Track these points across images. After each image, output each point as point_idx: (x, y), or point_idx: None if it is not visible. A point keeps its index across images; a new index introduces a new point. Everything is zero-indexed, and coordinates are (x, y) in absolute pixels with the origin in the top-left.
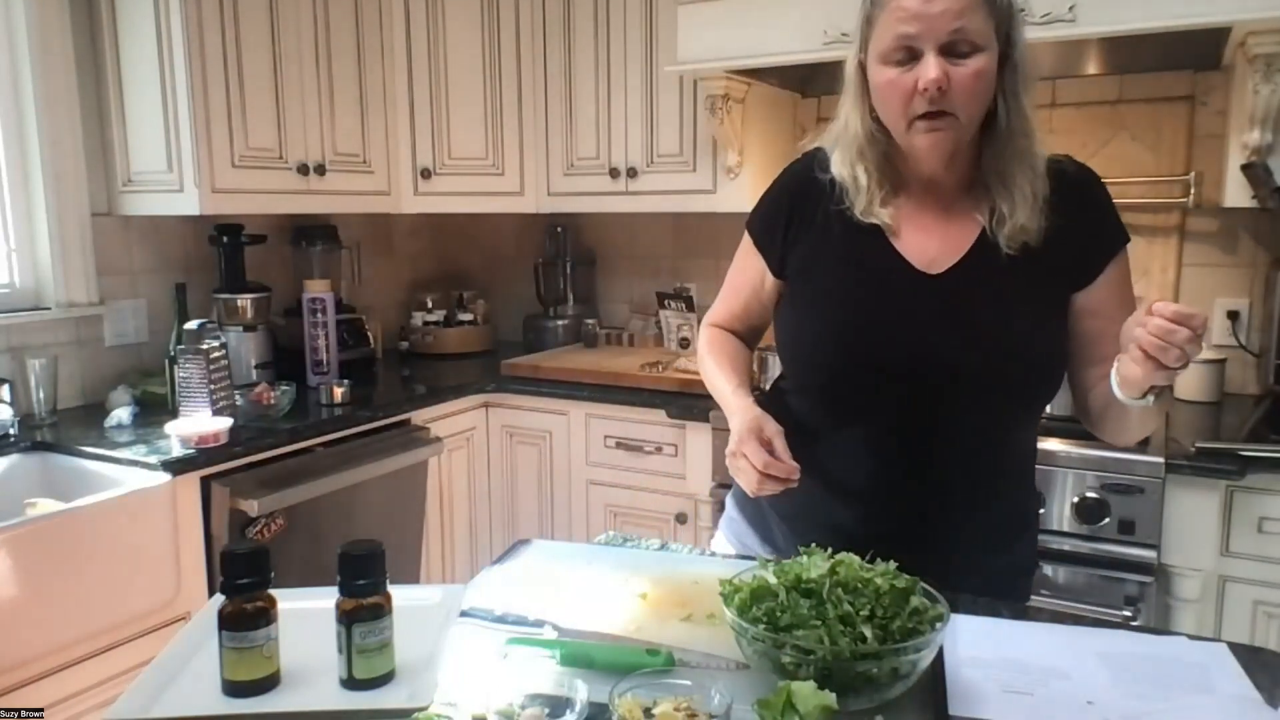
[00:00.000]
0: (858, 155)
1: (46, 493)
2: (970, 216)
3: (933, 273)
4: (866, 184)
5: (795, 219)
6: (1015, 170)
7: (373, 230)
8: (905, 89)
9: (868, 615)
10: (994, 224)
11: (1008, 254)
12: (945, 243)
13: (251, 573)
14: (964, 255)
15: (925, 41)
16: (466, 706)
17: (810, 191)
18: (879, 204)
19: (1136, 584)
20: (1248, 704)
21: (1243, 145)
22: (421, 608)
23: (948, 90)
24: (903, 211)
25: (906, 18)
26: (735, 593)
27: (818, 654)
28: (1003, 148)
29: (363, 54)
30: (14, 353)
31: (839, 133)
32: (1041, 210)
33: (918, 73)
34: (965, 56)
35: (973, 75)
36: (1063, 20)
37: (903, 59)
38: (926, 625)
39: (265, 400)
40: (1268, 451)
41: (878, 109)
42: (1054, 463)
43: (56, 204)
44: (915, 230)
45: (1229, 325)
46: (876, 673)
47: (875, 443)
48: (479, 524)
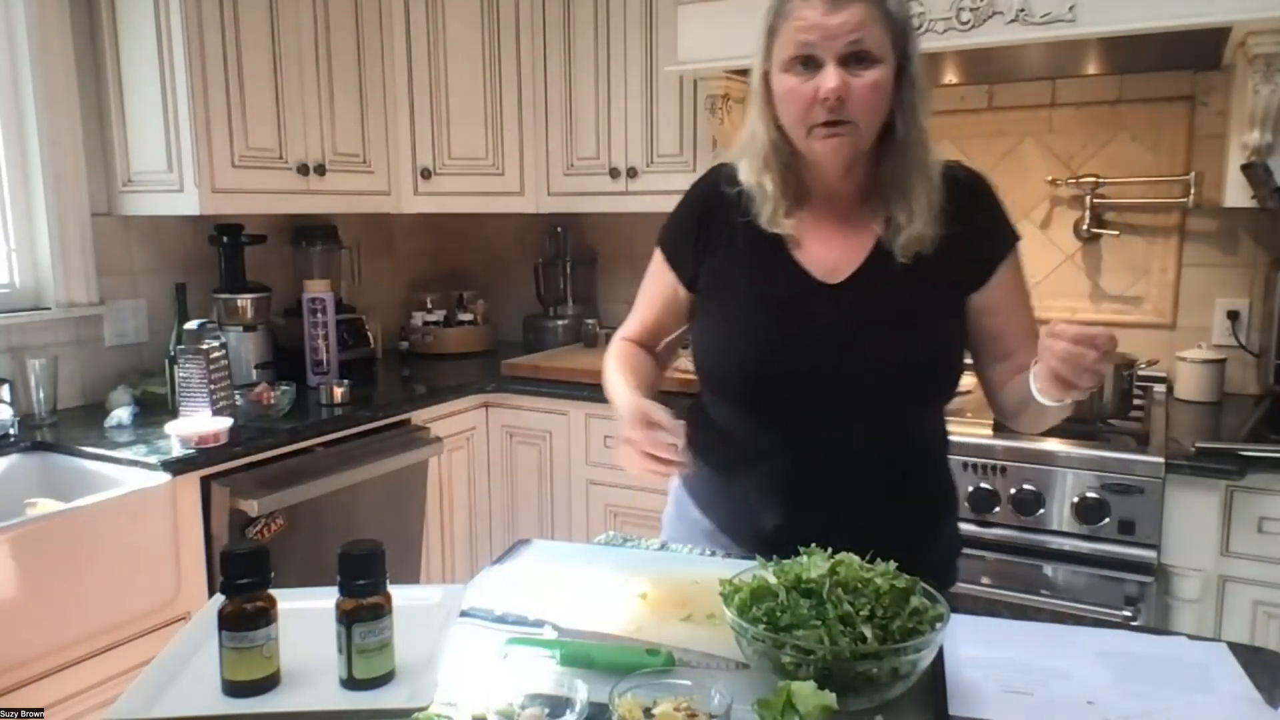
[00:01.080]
0: (764, 165)
1: (46, 493)
2: (867, 226)
3: (833, 282)
4: (772, 192)
5: (704, 233)
6: (913, 181)
7: (373, 230)
8: (806, 97)
9: (868, 615)
10: (890, 233)
11: (902, 261)
12: (844, 252)
13: (251, 573)
14: (861, 264)
15: (825, 52)
16: (466, 706)
17: (717, 206)
18: (783, 214)
19: (1136, 584)
20: (1248, 704)
21: (1243, 145)
22: (421, 608)
23: (846, 99)
24: (805, 223)
25: (807, 28)
26: (735, 593)
27: (818, 654)
28: (900, 159)
29: (363, 54)
30: (14, 353)
31: (746, 142)
32: (937, 218)
33: (818, 82)
34: (864, 68)
35: (870, 86)
36: (1063, 20)
37: (804, 68)
38: (926, 625)
39: (265, 400)
40: (1268, 451)
41: (780, 117)
42: (1054, 463)
43: (56, 204)
44: (816, 241)
45: (1229, 325)
46: (876, 673)
47: (793, 446)
48: (479, 524)
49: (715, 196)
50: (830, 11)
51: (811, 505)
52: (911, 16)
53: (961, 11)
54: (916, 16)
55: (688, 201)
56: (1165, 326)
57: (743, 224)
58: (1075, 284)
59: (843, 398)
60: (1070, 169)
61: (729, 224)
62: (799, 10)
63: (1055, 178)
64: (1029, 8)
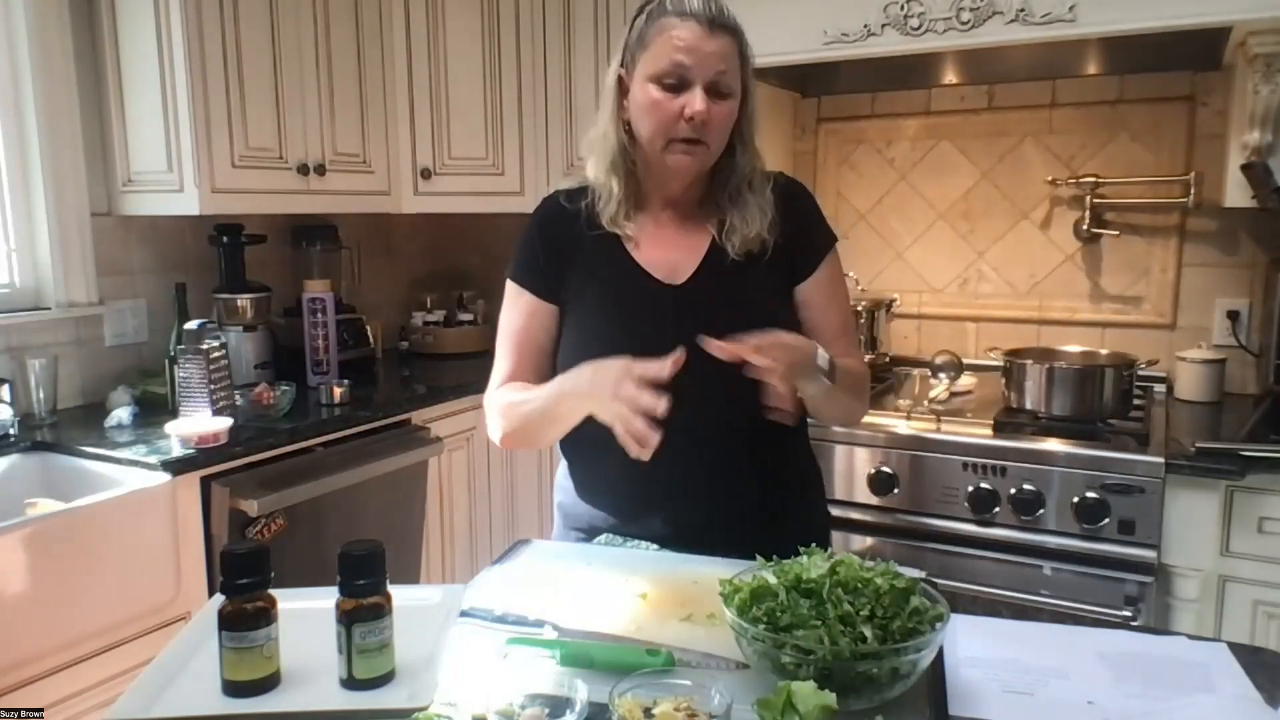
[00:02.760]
0: (610, 166)
1: (46, 493)
2: (702, 228)
3: (675, 283)
4: (617, 194)
5: (550, 248)
6: (748, 196)
7: (373, 230)
8: (671, 112)
9: (868, 615)
10: (724, 234)
11: (736, 261)
12: (682, 254)
13: (251, 573)
14: (700, 264)
15: (697, 75)
16: (466, 706)
17: (558, 222)
18: (624, 216)
19: (1136, 584)
20: (1248, 704)
21: (1243, 145)
22: (421, 608)
23: (707, 123)
24: (643, 226)
25: (684, 48)
26: (735, 593)
27: (818, 654)
28: (740, 175)
29: (363, 54)
30: (14, 353)
31: (596, 141)
32: (771, 222)
33: (685, 101)
34: (723, 97)
35: (725, 114)
36: (1063, 20)
37: (673, 84)
38: (926, 625)
39: (265, 400)
40: (1268, 451)
41: (636, 124)
42: (1054, 463)
43: (56, 204)
44: (654, 245)
45: (1229, 325)
46: (877, 672)
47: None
48: (479, 524)
49: (556, 213)
50: (706, 37)
51: (683, 494)
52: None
53: (961, 11)
54: (917, 16)
55: (529, 228)
56: (1165, 326)
57: (589, 236)
58: (1075, 284)
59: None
60: (1070, 169)
61: (573, 236)
62: (677, 29)
63: (1055, 178)
64: (1029, 8)
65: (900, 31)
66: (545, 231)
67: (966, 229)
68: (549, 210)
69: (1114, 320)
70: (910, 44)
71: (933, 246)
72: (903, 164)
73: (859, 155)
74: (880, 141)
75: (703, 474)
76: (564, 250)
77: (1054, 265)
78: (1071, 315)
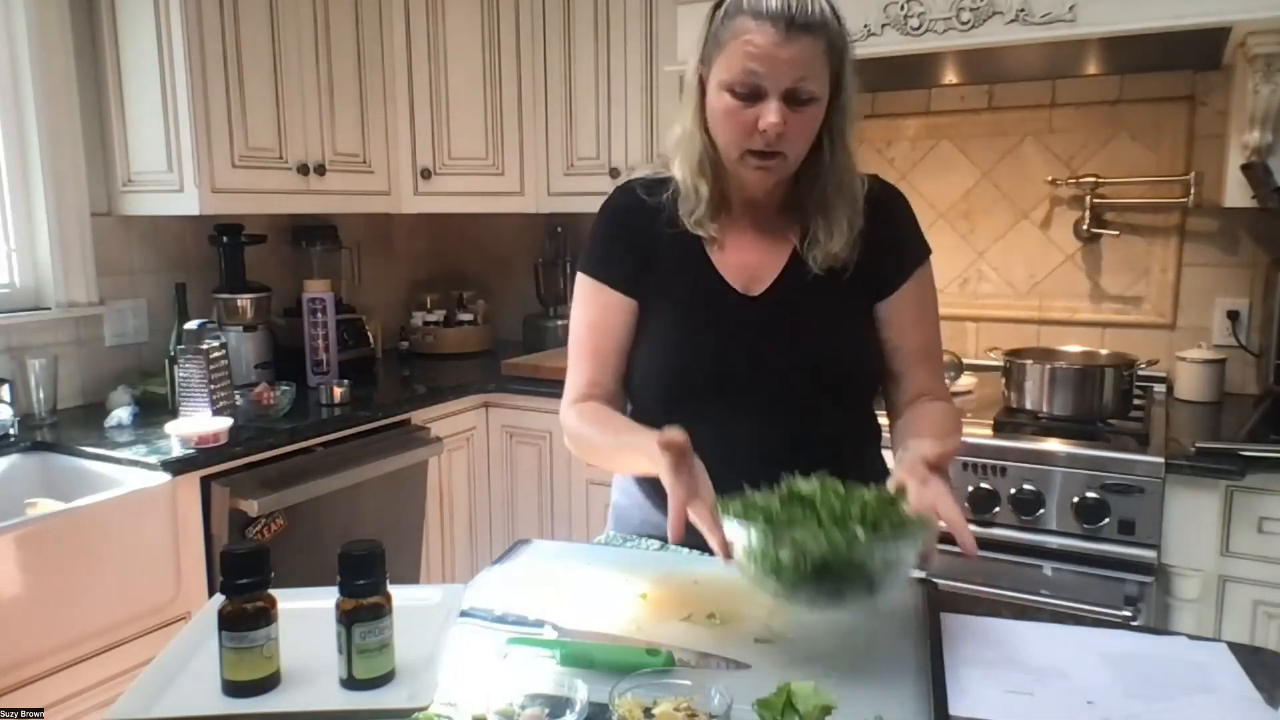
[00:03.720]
0: (699, 168)
1: (46, 493)
2: (784, 236)
3: (752, 294)
4: (705, 195)
5: (631, 240)
6: (835, 202)
7: (373, 230)
8: (745, 124)
9: (859, 516)
10: (806, 245)
11: (815, 273)
12: (762, 261)
13: (251, 573)
14: (778, 276)
15: (770, 85)
16: (466, 706)
17: (637, 215)
18: (709, 217)
19: (1136, 584)
20: (1248, 704)
21: (1243, 145)
22: (421, 608)
23: (784, 134)
24: (726, 229)
25: (757, 55)
26: (729, 505)
27: (814, 550)
28: (826, 180)
29: (363, 54)
30: (14, 353)
31: (681, 139)
32: (856, 239)
33: (759, 112)
34: (804, 104)
35: (807, 120)
36: (1063, 20)
37: (745, 94)
38: (913, 524)
39: (265, 400)
40: (1268, 451)
41: (713, 129)
42: (1054, 463)
43: (56, 204)
44: (735, 249)
45: (1229, 325)
46: (871, 564)
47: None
48: (479, 524)
49: (635, 206)
50: (782, 43)
51: None
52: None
53: (961, 11)
54: (917, 16)
55: (606, 220)
56: (1165, 326)
57: (668, 234)
58: (1075, 284)
59: (769, 400)
60: (1070, 169)
61: (653, 232)
62: (751, 33)
63: (1055, 178)
64: (1029, 8)
65: (900, 31)
66: (624, 223)
67: (966, 229)
68: (627, 202)
69: (1114, 320)
70: (910, 44)
71: (933, 246)
72: (903, 164)
73: (859, 155)
74: (880, 141)
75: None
76: (644, 246)
77: (1054, 265)
78: (1071, 315)
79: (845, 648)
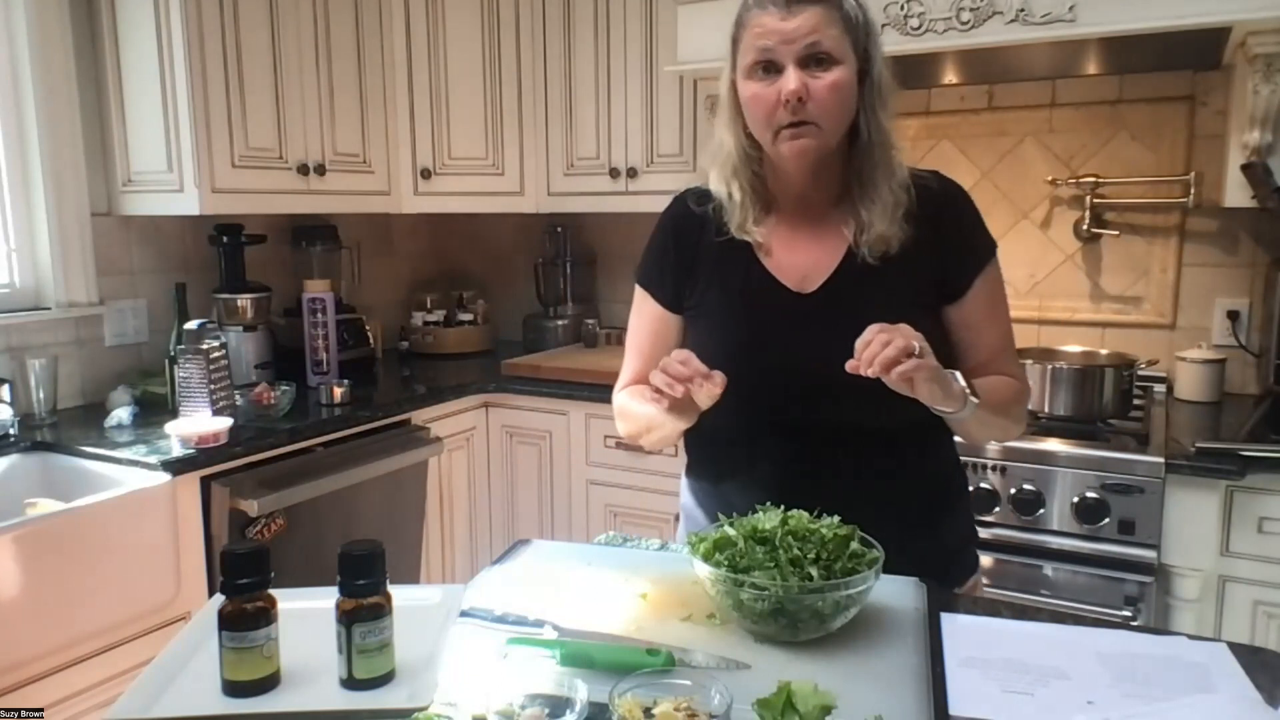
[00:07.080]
0: (732, 173)
1: (46, 493)
2: (838, 231)
3: (806, 291)
4: (741, 200)
5: (680, 254)
6: (877, 179)
7: (373, 230)
8: (769, 101)
9: (814, 558)
10: (858, 236)
11: (873, 266)
12: (815, 259)
13: (251, 573)
14: (833, 273)
15: (784, 55)
16: (466, 706)
17: (688, 226)
18: (752, 221)
19: (1136, 584)
20: (1248, 704)
21: (1243, 145)
22: (421, 608)
23: (807, 100)
24: (774, 231)
25: (765, 33)
26: (700, 543)
27: (771, 591)
28: (864, 159)
29: (363, 54)
30: (14, 353)
31: (715, 152)
32: (902, 220)
33: (779, 85)
34: (823, 69)
35: (829, 86)
36: (1063, 20)
37: (765, 73)
38: (864, 566)
39: (265, 400)
40: (1268, 451)
41: (748, 123)
42: (1054, 463)
43: (56, 204)
44: (786, 249)
45: (1229, 325)
46: (821, 605)
47: (784, 449)
48: (479, 524)
49: (685, 216)
50: (786, 16)
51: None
52: (872, 20)
53: (961, 11)
54: (917, 16)
55: (660, 229)
56: (1165, 326)
57: (717, 243)
58: (1075, 284)
59: (826, 400)
60: (1070, 169)
61: (703, 243)
62: (757, 18)
63: (1055, 178)
64: (1029, 8)
65: (900, 31)
66: (674, 233)
67: None
68: (679, 213)
69: (1114, 320)
70: (910, 44)
71: None
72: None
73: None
74: None
75: (843, 481)
76: (691, 257)
77: (1054, 265)
78: (1071, 315)
79: (845, 648)
